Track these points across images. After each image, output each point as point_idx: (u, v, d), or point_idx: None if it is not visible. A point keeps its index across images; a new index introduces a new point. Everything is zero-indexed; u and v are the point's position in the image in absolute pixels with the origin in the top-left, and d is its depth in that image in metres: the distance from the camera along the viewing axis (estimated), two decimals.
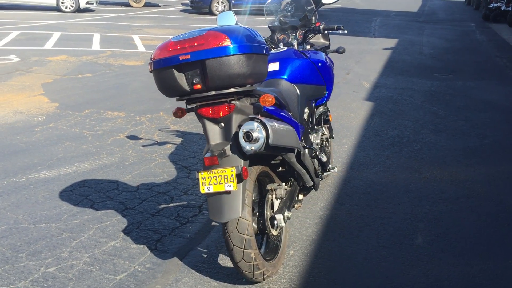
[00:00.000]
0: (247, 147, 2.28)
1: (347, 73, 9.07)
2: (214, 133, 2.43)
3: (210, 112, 2.37)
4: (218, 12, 19.17)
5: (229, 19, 3.57)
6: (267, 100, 2.38)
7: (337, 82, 8.07)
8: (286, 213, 2.69)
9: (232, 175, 2.31)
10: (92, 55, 9.67)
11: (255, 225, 2.62)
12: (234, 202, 2.35)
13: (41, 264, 2.78)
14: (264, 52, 2.37)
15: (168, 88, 2.30)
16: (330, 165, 3.48)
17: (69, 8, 17.70)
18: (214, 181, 2.34)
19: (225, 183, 2.32)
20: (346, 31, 3.85)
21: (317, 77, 3.41)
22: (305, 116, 3.27)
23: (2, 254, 2.87)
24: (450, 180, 4.22)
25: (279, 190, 2.71)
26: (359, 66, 9.83)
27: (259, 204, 2.67)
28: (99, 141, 4.85)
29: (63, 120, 5.51)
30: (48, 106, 6.01)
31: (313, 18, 3.73)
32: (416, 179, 4.22)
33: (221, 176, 2.33)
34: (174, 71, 2.25)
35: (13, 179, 3.93)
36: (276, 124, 2.38)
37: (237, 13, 19.24)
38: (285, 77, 3.21)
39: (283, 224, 2.67)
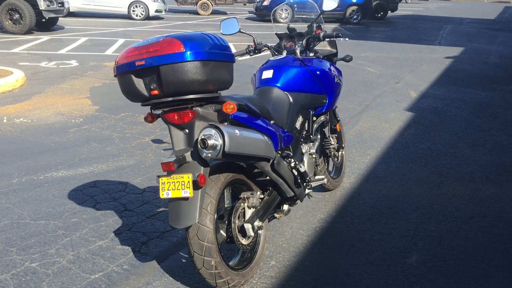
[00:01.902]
0: (204, 154, 2.27)
1: (397, 82, 8.79)
2: (178, 139, 2.44)
3: (175, 117, 2.39)
4: (282, 20, 19.26)
5: (232, 26, 3.60)
6: (229, 108, 2.35)
7: (383, 92, 7.87)
8: (256, 223, 2.65)
9: (189, 182, 2.31)
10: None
11: (223, 233, 2.60)
12: (191, 209, 2.35)
13: (27, 259, 2.92)
14: (226, 59, 2.35)
15: (129, 93, 2.35)
16: (321, 176, 3.38)
17: (139, 16, 18.48)
18: (173, 186, 2.35)
19: (182, 189, 2.32)
20: (347, 39, 3.73)
21: (315, 85, 3.33)
22: (297, 124, 3.20)
23: None
24: (470, 197, 3.96)
25: (251, 199, 2.67)
26: (412, 75, 9.49)
27: (231, 212, 2.64)
28: (124, 144, 5.02)
29: (98, 122, 5.75)
30: (89, 109, 6.30)
31: (314, 25, 3.65)
32: (432, 194, 4.00)
33: (178, 182, 2.34)
34: (133, 76, 2.29)
35: (32, 176, 4.15)
36: (238, 131, 2.35)
37: (298, 20, 19.28)
38: (278, 84, 3.17)
39: (252, 234, 2.62)
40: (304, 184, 3.12)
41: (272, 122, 2.85)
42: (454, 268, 2.95)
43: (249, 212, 2.68)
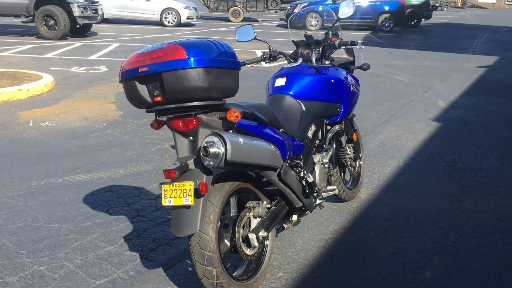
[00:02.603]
0: (206, 162, 2.24)
1: (426, 91, 8.60)
2: (183, 146, 2.42)
3: (180, 125, 2.37)
4: (312, 27, 19.19)
5: (248, 33, 3.57)
6: (233, 115, 2.32)
7: (410, 101, 7.71)
8: (261, 233, 2.60)
9: (190, 189, 2.28)
10: None
11: (228, 243, 2.56)
12: (192, 217, 2.32)
13: (36, 262, 2.94)
14: (230, 66, 2.32)
15: (133, 99, 2.34)
16: (332, 187, 3.30)
17: (171, 23, 18.72)
18: (175, 194, 2.32)
19: (184, 197, 2.30)
20: (363, 47, 3.66)
21: (329, 94, 3.27)
22: (310, 133, 3.14)
23: (7, 249, 3.07)
24: (493, 212, 3.81)
25: (257, 208, 2.63)
26: (442, 84, 9.27)
27: (235, 221, 2.60)
28: (143, 149, 5.05)
29: (120, 127, 5.81)
30: (113, 114, 6.38)
31: (330, 33, 3.59)
32: (453, 208, 3.86)
33: (180, 189, 2.31)
34: (136, 83, 2.28)
35: (50, 180, 4.21)
36: (241, 140, 2.31)
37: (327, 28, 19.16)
38: (291, 92, 3.12)
39: (256, 244, 2.57)
40: (315, 194, 3.06)
41: (281, 130, 2.80)
42: (469, 287, 2.82)
43: (254, 222, 2.63)
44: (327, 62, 3.49)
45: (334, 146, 3.57)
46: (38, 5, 13.52)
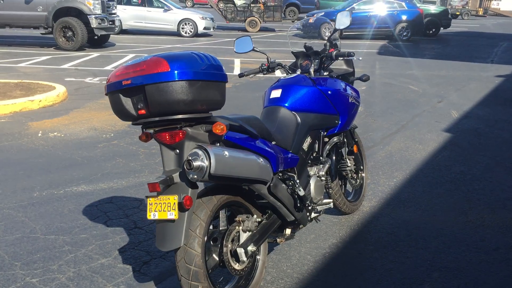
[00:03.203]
0: (190, 175, 2.22)
1: (440, 101, 8.47)
2: (169, 159, 2.40)
3: (166, 137, 2.35)
4: (326, 37, 19.14)
5: (246, 44, 3.55)
6: (218, 128, 2.29)
7: (422, 111, 7.60)
8: (250, 247, 2.55)
9: (174, 203, 2.26)
10: None
11: (216, 257, 2.52)
12: (176, 231, 2.29)
13: (28, 274, 2.94)
14: (215, 79, 2.29)
15: (118, 112, 2.33)
16: (328, 200, 3.23)
17: (188, 33, 18.86)
18: (159, 208, 2.30)
19: (168, 211, 2.27)
20: (360, 58, 3.61)
21: (326, 105, 3.22)
22: (305, 146, 3.09)
23: (1, 261, 3.08)
24: (499, 226, 3.70)
25: (247, 222, 2.59)
26: (457, 94, 9.13)
27: (224, 235, 2.56)
28: (148, 160, 5.05)
29: (127, 138, 5.83)
30: (121, 124, 6.41)
31: (327, 44, 3.55)
32: (458, 222, 3.76)
33: (165, 203, 2.29)
34: (121, 95, 2.27)
35: (53, 190, 4.23)
36: (227, 153, 2.28)
37: (347, 37, 19.06)
38: (286, 104, 3.08)
39: (244, 259, 2.53)
40: (309, 208, 3.00)
41: (273, 143, 2.76)
42: None
43: (244, 236, 2.59)
44: (325, 73, 3.45)
45: (334, 158, 3.51)
46: (56, 17, 13.76)
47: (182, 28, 18.85)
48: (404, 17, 19.03)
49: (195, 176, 2.21)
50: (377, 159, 5.24)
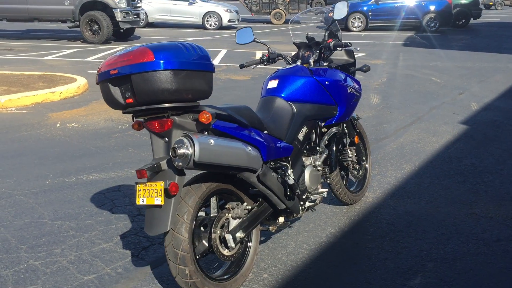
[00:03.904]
0: (176, 162, 2.29)
1: (461, 93, 8.33)
2: (158, 147, 2.47)
3: (156, 126, 2.42)
4: (354, 28, 18.96)
5: (247, 36, 3.60)
6: (204, 117, 2.35)
7: (441, 103, 7.50)
8: (239, 234, 2.61)
9: (161, 189, 2.33)
10: None
11: (206, 243, 2.58)
12: (163, 217, 2.36)
13: (32, 256, 3.07)
14: (201, 69, 2.35)
15: (108, 100, 2.41)
16: (322, 189, 3.25)
17: (213, 26, 18.97)
18: (147, 194, 2.38)
19: (155, 196, 2.35)
20: (358, 49, 3.60)
21: (323, 95, 3.24)
22: (301, 135, 3.12)
23: (8, 244, 3.22)
24: (503, 219, 3.65)
25: (236, 209, 2.64)
26: (480, 85, 8.95)
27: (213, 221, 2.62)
28: None
29: None
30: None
31: (326, 34, 3.56)
32: (461, 214, 3.73)
33: (152, 189, 2.36)
34: (109, 85, 2.35)
35: (64, 178, 4.38)
36: (213, 141, 2.33)
37: (373, 28, 18.83)
38: (283, 95, 3.12)
39: (232, 245, 2.58)
40: (304, 197, 3.04)
41: (265, 132, 2.80)
42: None
43: (233, 223, 2.64)
44: (325, 64, 3.46)
45: (334, 148, 3.51)
46: (83, 11, 14.05)
47: (207, 21, 18.97)
48: (432, 8, 18.68)
49: (180, 163, 2.27)
50: (387, 151, 5.21)
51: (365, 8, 18.89)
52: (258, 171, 2.62)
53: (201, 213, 2.66)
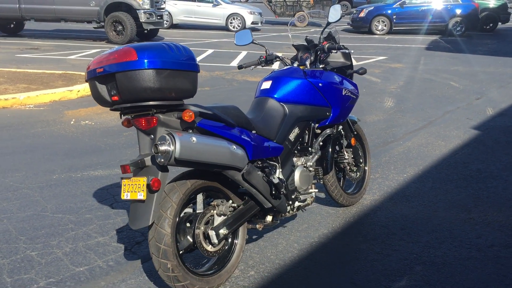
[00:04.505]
0: (158, 159, 2.36)
1: (478, 98, 8.22)
2: (144, 143, 2.55)
3: (142, 123, 2.50)
4: (378, 32, 18.82)
5: (246, 37, 3.66)
6: (187, 115, 2.42)
7: (456, 108, 7.42)
8: (222, 230, 2.66)
9: (144, 185, 2.41)
10: (224, 71, 10.35)
11: (190, 238, 2.64)
12: (145, 211, 2.43)
13: (30, 247, 3.19)
14: (184, 68, 2.41)
15: (96, 98, 2.50)
16: (313, 190, 3.28)
17: (236, 28, 19.09)
18: (131, 189, 2.46)
19: (138, 191, 2.43)
20: (352, 51, 3.61)
21: (316, 97, 3.27)
22: (292, 136, 3.16)
23: (9, 235, 3.35)
24: (499, 225, 3.62)
25: (221, 206, 2.70)
26: (499, 91, 8.81)
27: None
28: None
29: None
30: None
31: (321, 37, 3.59)
32: (458, 219, 3.71)
33: (136, 184, 2.44)
34: (96, 83, 2.44)
35: (71, 174, 4.51)
36: (195, 139, 2.40)
37: (397, 32, 18.64)
38: (275, 96, 3.16)
39: (216, 241, 2.64)
40: (293, 197, 3.08)
41: (253, 132, 2.85)
42: None
43: (218, 220, 2.70)
44: (320, 66, 3.49)
45: (330, 150, 3.53)
46: (108, 12, 14.34)
47: (230, 23, 19.11)
48: (458, 11, 18.41)
49: (162, 160, 2.35)
50: (393, 154, 5.20)
51: (389, 11, 18.74)
52: (243, 169, 2.67)
53: (189, 209, 2.73)
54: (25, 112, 6.76)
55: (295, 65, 3.53)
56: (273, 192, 2.83)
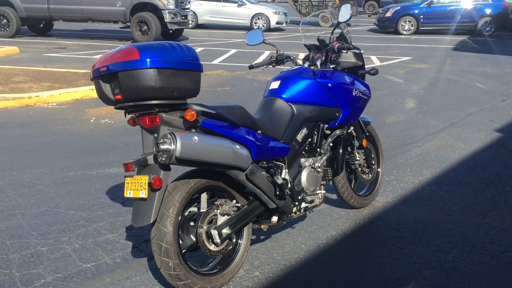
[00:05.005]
0: (159, 157, 2.37)
1: (504, 99, 8.03)
2: (148, 142, 2.57)
3: (146, 122, 2.51)
4: (405, 32, 18.56)
5: (257, 37, 3.64)
6: (189, 114, 2.43)
7: (480, 110, 7.27)
8: (225, 230, 2.66)
9: (145, 183, 2.43)
10: (245, 71, 10.34)
11: (193, 238, 2.65)
12: (147, 209, 2.45)
13: (40, 243, 3.25)
14: (186, 68, 2.42)
15: (101, 96, 2.53)
16: (320, 191, 3.23)
17: (261, 28, 19.06)
18: (134, 187, 2.48)
19: (140, 190, 2.44)
20: (362, 51, 3.57)
21: (325, 97, 3.24)
22: (299, 136, 3.13)
23: (22, 230, 3.42)
24: None
25: (224, 206, 2.70)
26: None
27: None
28: None
29: None
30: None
31: (331, 37, 3.55)
32: (472, 223, 3.62)
33: (138, 183, 2.46)
34: (101, 81, 2.46)
35: (86, 171, 4.58)
36: (197, 138, 2.40)
37: (425, 32, 18.33)
38: (284, 96, 3.15)
39: (218, 240, 2.64)
40: (300, 198, 3.06)
41: (259, 132, 2.84)
42: None
43: (221, 219, 2.70)
44: (331, 66, 3.45)
45: (341, 151, 3.48)
46: (133, 12, 14.51)
47: (255, 23, 19.11)
48: (487, 11, 18.00)
49: (163, 159, 2.36)
50: (410, 156, 5.12)
51: (416, 11, 18.44)
52: (247, 169, 2.66)
53: (194, 208, 2.74)
54: (48, 110, 6.90)
55: (306, 65, 3.51)
56: (277, 193, 2.82)
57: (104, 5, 14.66)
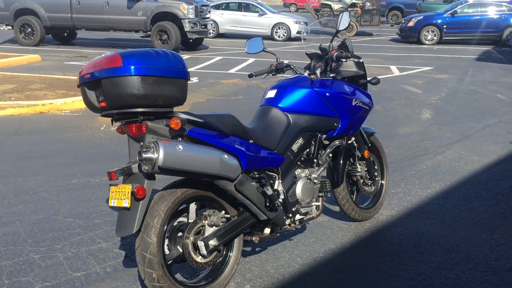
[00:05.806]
0: (143, 166, 2.33)
1: None
2: (134, 150, 2.52)
3: (132, 130, 2.48)
4: (427, 42, 18.29)
5: (257, 45, 3.60)
6: (173, 123, 2.38)
7: (498, 121, 7.07)
8: (212, 242, 2.59)
9: (128, 192, 2.38)
10: (261, 80, 10.28)
11: (180, 249, 2.59)
12: (130, 219, 2.41)
13: (34, 250, 3.23)
14: (172, 76, 2.37)
15: (86, 103, 2.50)
16: (316, 203, 3.14)
17: (281, 37, 19.08)
18: (118, 196, 2.44)
19: (123, 199, 2.40)
20: (361, 60, 3.47)
21: (323, 107, 3.16)
22: (295, 147, 3.05)
23: (17, 236, 3.42)
24: None
25: (212, 217, 2.64)
26: None
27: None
28: None
29: None
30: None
31: (331, 46, 3.47)
32: (478, 239, 3.48)
33: (122, 191, 2.42)
34: (86, 88, 2.44)
35: (90, 179, 4.57)
36: (182, 147, 2.35)
37: (448, 42, 18.04)
38: (280, 105, 3.08)
39: (204, 252, 2.58)
40: (294, 209, 2.97)
41: (250, 141, 2.78)
42: None
43: (209, 230, 2.64)
44: (331, 75, 3.37)
45: (341, 162, 3.40)
46: (154, 21, 14.65)
47: (276, 32, 19.10)
48: None
49: (146, 168, 2.31)
50: (420, 169, 4.97)
51: (439, 21, 18.17)
52: (235, 179, 2.59)
53: (184, 218, 2.69)
54: (60, 117, 6.96)
55: (306, 74, 3.43)
56: (267, 204, 2.74)
57: (126, 15, 14.83)
